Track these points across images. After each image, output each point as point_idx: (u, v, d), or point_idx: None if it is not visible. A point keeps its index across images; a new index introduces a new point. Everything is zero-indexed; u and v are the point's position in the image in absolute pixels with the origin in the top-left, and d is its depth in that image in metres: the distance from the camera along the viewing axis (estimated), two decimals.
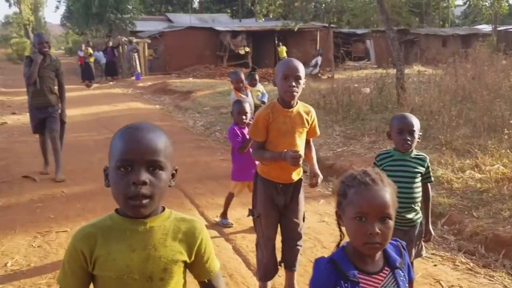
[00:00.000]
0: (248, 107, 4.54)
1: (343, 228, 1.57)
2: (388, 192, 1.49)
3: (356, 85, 11.18)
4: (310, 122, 3.05)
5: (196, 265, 1.54)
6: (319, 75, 19.50)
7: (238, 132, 4.49)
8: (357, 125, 8.17)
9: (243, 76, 6.36)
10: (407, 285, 1.57)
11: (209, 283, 1.59)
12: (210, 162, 7.16)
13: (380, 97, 9.25)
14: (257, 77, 7.05)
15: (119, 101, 14.88)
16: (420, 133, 2.92)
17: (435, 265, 3.77)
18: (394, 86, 9.36)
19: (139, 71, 21.82)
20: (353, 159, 6.53)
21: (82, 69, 22.08)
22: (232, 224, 4.67)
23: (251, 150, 3.88)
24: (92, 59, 21.80)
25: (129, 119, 10.46)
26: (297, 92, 2.86)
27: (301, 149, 3.02)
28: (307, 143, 3.16)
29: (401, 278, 1.54)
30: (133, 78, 21.21)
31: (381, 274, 1.52)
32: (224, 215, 4.73)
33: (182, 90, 15.65)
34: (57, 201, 5.50)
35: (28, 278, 3.67)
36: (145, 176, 1.37)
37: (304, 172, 3.56)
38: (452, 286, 3.45)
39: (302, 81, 2.88)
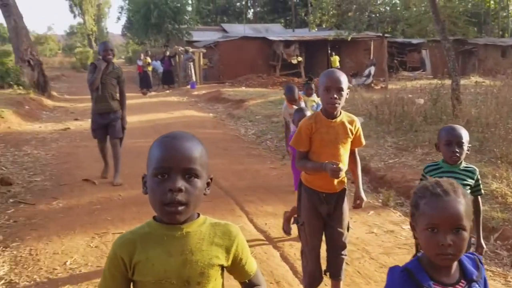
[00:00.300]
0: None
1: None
2: (461, 203, 1.47)
3: (410, 95, 10.99)
4: (354, 132, 3.05)
5: (235, 268, 1.59)
6: (372, 85, 19.25)
7: None
8: (409, 137, 8.03)
9: (297, 94, 6.16)
10: None
11: (249, 282, 1.65)
12: (260, 170, 7.23)
13: (435, 108, 9.04)
14: (313, 86, 6.85)
15: (174, 108, 15.25)
16: (469, 145, 2.89)
17: None
18: (449, 97, 9.14)
19: (194, 80, 22.32)
20: (405, 170, 6.44)
21: (140, 78, 22.89)
22: (291, 234, 4.61)
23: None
24: (150, 68, 22.57)
25: (184, 126, 10.82)
26: (339, 104, 2.88)
27: (345, 160, 3.05)
28: (352, 153, 3.16)
29: None
30: (189, 86, 21.63)
31: (457, 286, 1.51)
32: (286, 223, 4.67)
33: (235, 98, 15.85)
34: (114, 204, 5.71)
35: (85, 276, 3.83)
36: (181, 183, 1.41)
37: (353, 183, 3.58)
38: None
39: (345, 92, 2.89)
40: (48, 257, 4.22)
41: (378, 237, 4.59)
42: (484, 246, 2.97)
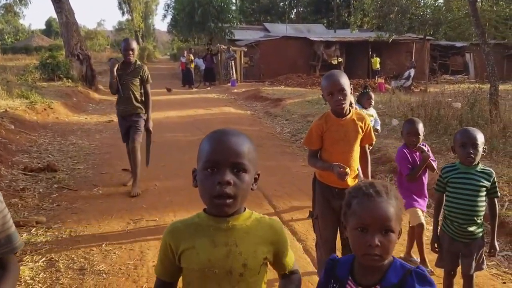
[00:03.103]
0: (421, 128, 3.80)
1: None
2: (391, 205, 1.48)
3: (449, 99, 10.86)
4: (364, 129, 3.15)
5: (277, 261, 1.65)
6: (412, 87, 18.99)
7: (409, 156, 3.86)
8: (443, 140, 7.97)
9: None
10: None
11: (288, 272, 1.72)
12: (292, 167, 7.37)
13: (471, 113, 8.94)
14: (372, 95, 5.70)
15: (214, 105, 15.57)
16: (485, 147, 2.98)
17: (504, 283, 3.71)
18: (487, 102, 9.01)
19: (235, 78, 22.66)
20: (434, 173, 6.43)
21: (183, 74, 23.44)
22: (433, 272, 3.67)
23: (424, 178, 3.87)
24: (193, 65, 23.06)
25: (221, 122, 11.09)
26: (344, 103, 2.99)
27: (355, 156, 3.16)
28: (363, 150, 3.26)
29: None
30: (229, 84, 22.00)
31: None
32: (422, 262, 3.91)
33: (273, 97, 16.01)
34: (150, 193, 6.01)
35: (119, 258, 4.10)
36: (229, 176, 1.46)
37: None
38: None
39: (348, 91, 2.98)
40: (86, 239, 4.53)
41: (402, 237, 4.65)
42: (497, 247, 3.01)
